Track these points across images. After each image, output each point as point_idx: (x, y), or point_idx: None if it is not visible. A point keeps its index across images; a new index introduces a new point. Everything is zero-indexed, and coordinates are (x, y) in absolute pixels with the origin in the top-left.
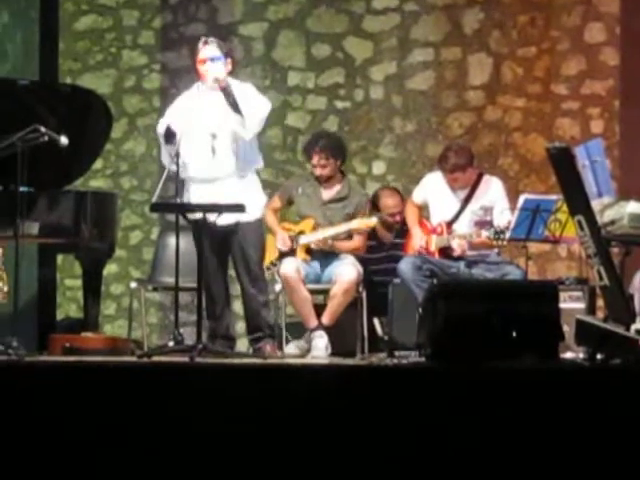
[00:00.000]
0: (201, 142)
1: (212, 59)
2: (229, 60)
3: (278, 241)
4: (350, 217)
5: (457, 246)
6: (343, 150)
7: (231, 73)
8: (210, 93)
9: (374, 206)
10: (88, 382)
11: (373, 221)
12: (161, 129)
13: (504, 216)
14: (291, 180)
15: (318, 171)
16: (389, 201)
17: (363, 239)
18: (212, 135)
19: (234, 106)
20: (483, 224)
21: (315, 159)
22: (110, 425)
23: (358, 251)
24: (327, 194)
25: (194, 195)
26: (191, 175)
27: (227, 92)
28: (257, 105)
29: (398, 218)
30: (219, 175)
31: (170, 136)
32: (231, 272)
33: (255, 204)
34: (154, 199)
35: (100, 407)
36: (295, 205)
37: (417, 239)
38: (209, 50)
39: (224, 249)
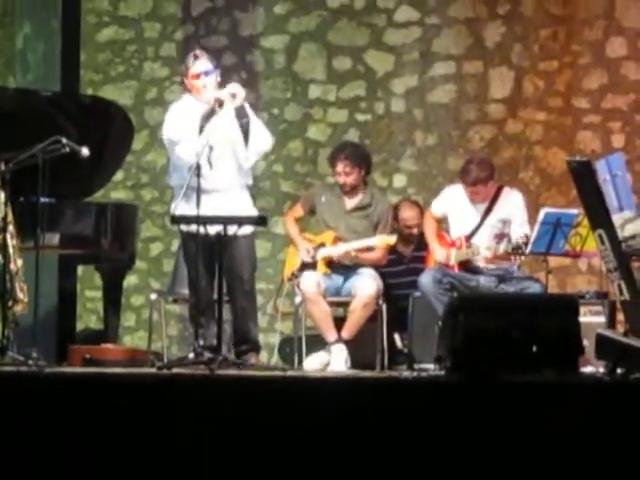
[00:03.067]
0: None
1: (206, 73)
2: (219, 71)
3: (302, 252)
4: (373, 226)
5: (483, 259)
6: (368, 160)
7: (221, 84)
8: (205, 106)
9: (393, 217)
10: (108, 393)
11: (393, 239)
12: (171, 133)
13: (523, 229)
14: (314, 188)
15: (342, 179)
16: (407, 213)
17: (384, 251)
18: (209, 147)
19: (244, 130)
20: (502, 237)
21: (340, 167)
22: (129, 437)
23: (379, 263)
24: (350, 203)
25: (189, 207)
26: (192, 186)
27: (241, 114)
28: (262, 139)
29: (415, 231)
30: (217, 187)
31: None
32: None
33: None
34: (173, 211)
35: (120, 419)
36: (317, 214)
37: (437, 254)
38: (202, 64)
39: (213, 260)
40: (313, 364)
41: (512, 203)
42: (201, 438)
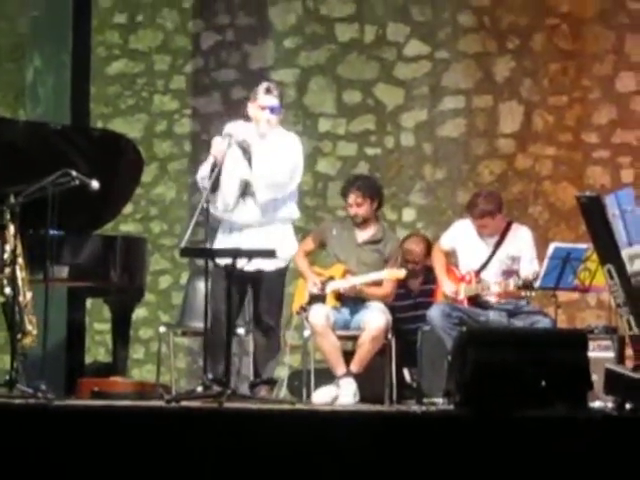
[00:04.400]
0: (233, 188)
1: (272, 109)
2: (282, 110)
3: (309, 284)
4: (383, 262)
5: (492, 294)
6: (379, 193)
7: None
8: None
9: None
10: (116, 426)
11: (402, 273)
12: (199, 180)
13: (532, 266)
14: (326, 222)
15: (354, 210)
16: (411, 247)
17: (392, 286)
18: (244, 182)
19: (249, 162)
20: (510, 273)
21: (351, 198)
22: (137, 470)
23: (387, 298)
24: (362, 236)
25: (224, 241)
26: (222, 220)
27: (244, 148)
28: (269, 171)
29: (418, 267)
30: (249, 222)
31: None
32: None
33: (281, 253)
34: (183, 243)
35: (128, 451)
36: (329, 247)
37: (446, 288)
38: (272, 99)
39: (241, 295)
40: (322, 397)
41: (521, 240)
42: (209, 471)
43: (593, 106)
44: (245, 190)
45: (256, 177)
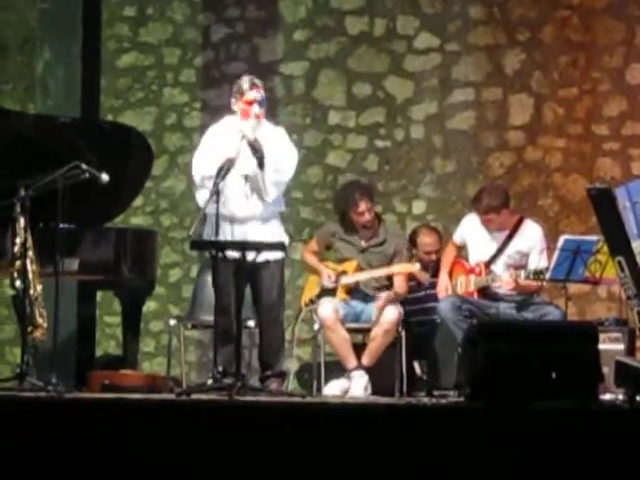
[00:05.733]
0: (234, 182)
1: (260, 102)
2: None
3: (324, 277)
4: (389, 259)
5: (504, 286)
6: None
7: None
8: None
9: (412, 242)
10: (126, 419)
11: (416, 267)
12: (200, 171)
13: (540, 262)
14: (327, 225)
15: (365, 217)
16: (426, 239)
17: (405, 282)
18: (244, 177)
19: (260, 162)
20: (517, 268)
21: (362, 206)
22: (148, 462)
23: (404, 293)
24: (365, 240)
25: (226, 235)
26: (224, 214)
27: (255, 148)
28: (276, 172)
29: (434, 257)
30: (250, 215)
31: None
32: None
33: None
34: (190, 233)
35: (138, 444)
36: (335, 250)
37: (440, 282)
38: (257, 93)
39: (243, 286)
40: (333, 390)
41: (531, 237)
42: (219, 464)
43: (603, 98)
44: (245, 185)
45: (265, 177)
